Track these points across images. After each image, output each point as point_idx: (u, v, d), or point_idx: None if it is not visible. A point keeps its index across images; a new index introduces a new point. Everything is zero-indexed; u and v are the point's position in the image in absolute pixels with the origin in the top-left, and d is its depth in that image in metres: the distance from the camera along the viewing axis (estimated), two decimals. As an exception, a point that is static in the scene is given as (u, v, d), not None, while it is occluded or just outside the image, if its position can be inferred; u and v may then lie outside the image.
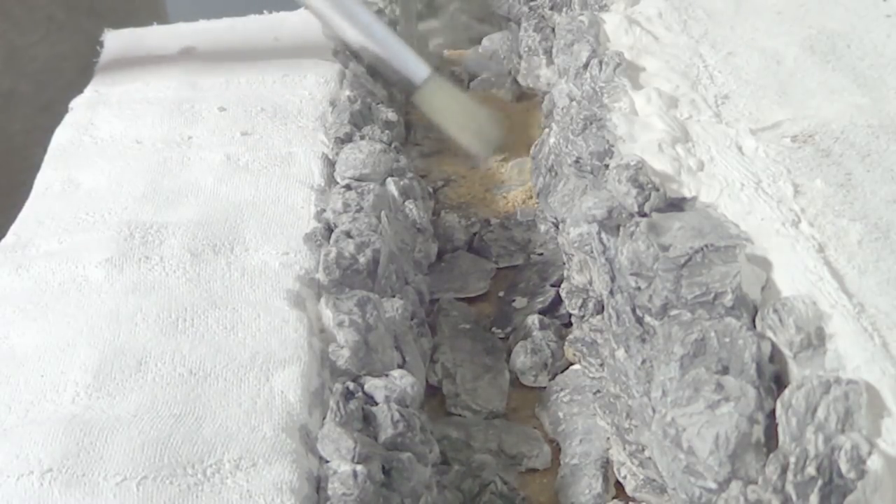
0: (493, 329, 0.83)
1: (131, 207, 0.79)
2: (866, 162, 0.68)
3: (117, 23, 1.14)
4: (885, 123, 0.72)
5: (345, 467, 0.57)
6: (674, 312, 0.61)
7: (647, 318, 0.63)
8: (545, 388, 0.77)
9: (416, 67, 1.00)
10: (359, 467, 0.57)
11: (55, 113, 0.94)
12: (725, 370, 0.56)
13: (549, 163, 0.89)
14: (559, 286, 0.82)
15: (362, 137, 0.88)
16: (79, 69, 1.09)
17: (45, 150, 0.89)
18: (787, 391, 0.53)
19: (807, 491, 0.50)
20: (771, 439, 0.53)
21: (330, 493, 0.57)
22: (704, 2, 0.91)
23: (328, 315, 0.68)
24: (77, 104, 0.96)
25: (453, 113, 1.01)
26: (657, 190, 0.67)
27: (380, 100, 0.98)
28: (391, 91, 1.05)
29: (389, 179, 0.84)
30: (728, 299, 0.59)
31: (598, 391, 0.73)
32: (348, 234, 0.74)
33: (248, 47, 1.04)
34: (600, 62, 0.82)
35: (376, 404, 0.62)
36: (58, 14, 1.16)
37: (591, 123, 0.77)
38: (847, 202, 0.65)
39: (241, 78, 0.98)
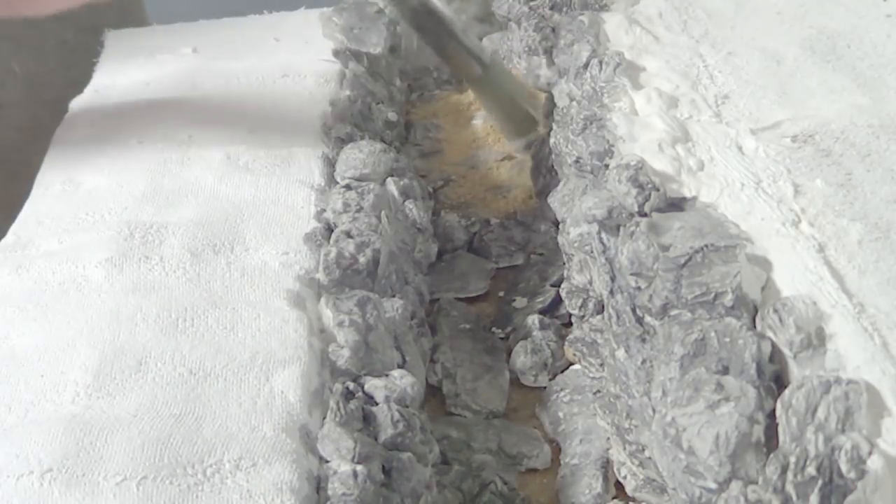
0: (493, 329, 0.83)
1: (131, 207, 0.79)
2: (866, 162, 0.68)
3: None
4: (885, 123, 0.72)
5: (345, 467, 0.57)
6: (674, 312, 0.61)
7: (647, 318, 0.63)
8: (545, 388, 0.77)
9: (481, 52, 1.01)
10: (359, 467, 0.57)
11: None
12: (725, 370, 0.56)
13: (549, 163, 0.89)
14: (559, 286, 0.82)
15: (362, 137, 0.88)
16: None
17: None
18: (787, 391, 0.53)
19: (807, 491, 0.50)
20: (771, 439, 0.53)
21: (330, 493, 0.57)
22: (704, 2, 0.91)
23: (328, 315, 0.68)
24: (77, 104, 0.96)
25: (507, 104, 1.02)
26: (657, 190, 0.67)
27: (380, 100, 0.98)
28: (391, 91, 1.05)
29: (389, 179, 0.84)
30: (728, 299, 0.59)
31: (598, 391, 0.73)
32: (348, 234, 0.74)
33: (248, 47, 1.04)
34: (600, 62, 0.81)
35: (376, 404, 0.62)
36: (69, 37, 1.15)
37: (591, 123, 0.77)
38: (847, 202, 0.65)
39: (241, 78, 0.98)
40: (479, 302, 0.86)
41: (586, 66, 0.83)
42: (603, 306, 0.72)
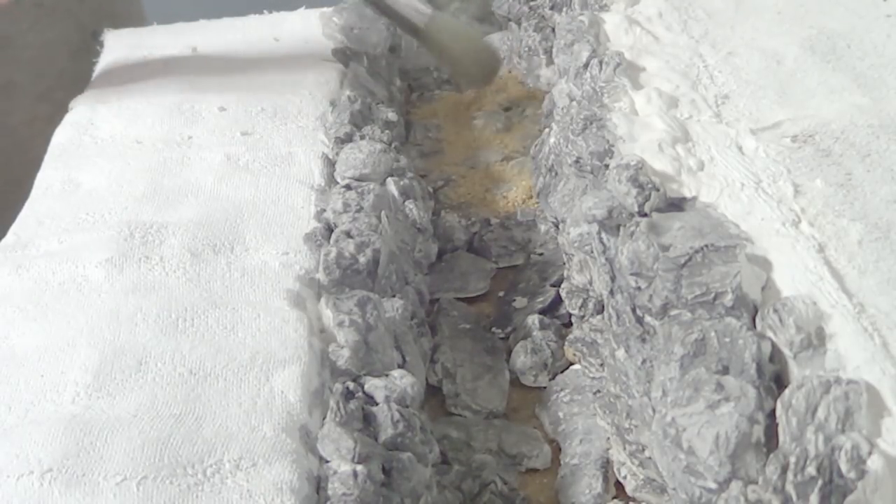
0: (493, 329, 0.83)
1: (131, 207, 0.79)
2: (866, 162, 0.68)
3: (99, 5, 1.13)
4: (885, 123, 0.72)
5: (345, 467, 0.57)
6: (674, 312, 0.61)
7: (647, 318, 0.63)
8: (545, 388, 0.77)
9: (417, 8, 1.03)
10: (359, 467, 0.57)
11: (53, 102, 0.92)
12: (725, 370, 0.56)
13: (549, 163, 0.89)
14: (559, 286, 0.82)
15: (362, 137, 0.88)
16: (70, 55, 1.08)
17: (47, 142, 0.88)
18: (787, 391, 0.53)
19: (807, 491, 0.50)
20: (771, 439, 0.53)
21: (330, 493, 0.57)
22: (704, 2, 0.91)
23: (328, 315, 0.68)
24: (77, 104, 0.96)
25: (456, 51, 1.05)
26: (657, 190, 0.67)
27: (380, 100, 0.98)
28: (391, 91, 1.05)
29: (389, 179, 0.84)
30: (728, 299, 0.59)
31: (598, 391, 0.73)
32: (348, 234, 0.74)
33: (248, 47, 1.04)
34: (600, 62, 0.82)
35: (376, 404, 0.62)
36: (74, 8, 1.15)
37: (591, 123, 0.77)
38: (847, 202, 0.65)
39: (241, 78, 0.98)
40: (479, 302, 0.86)
41: (586, 66, 0.83)
42: (603, 306, 0.72)
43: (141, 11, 1.30)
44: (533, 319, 0.81)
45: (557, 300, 0.82)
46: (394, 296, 0.73)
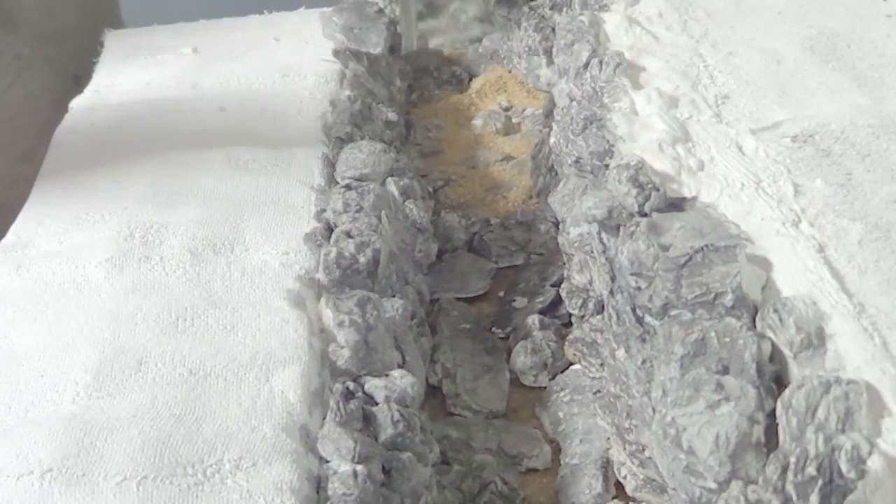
0: (493, 329, 0.83)
1: (131, 207, 0.79)
2: (866, 162, 0.69)
3: (81, 48, 1.11)
4: (885, 123, 0.72)
5: (345, 467, 0.57)
6: (674, 312, 0.61)
7: (648, 318, 0.63)
8: (545, 388, 0.77)
9: None
10: (359, 467, 0.57)
11: (36, 162, 0.90)
12: (725, 370, 0.56)
13: (549, 163, 0.89)
14: (559, 286, 0.82)
15: (362, 137, 0.88)
16: (53, 105, 1.05)
17: None
18: (787, 391, 0.53)
19: (807, 491, 0.50)
20: (771, 439, 0.53)
21: (330, 493, 0.57)
22: (704, 2, 0.91)
23: (328, 315, 0.68)
24: (77, 104, 0.96)
25: None
26: (657, 190, 0.67)
27: (380, 100, 0.98)
28: (391, 91, 1.05)
29: (389, 179, 0.84)
30: (728, 299, 0.59)
31: (598, 391, 0.73)
32: (348, 234, 0.74)
33: (248, 47, 1.05)
34: (600, 62, 0.82)
35: (376, 404, 0.62)
36: (24, 50, 1.12)
37: (591, 123, 0.77)
38: (847, 202, 0.65)
39: (241, 78, 0.98)
40: (479, 302, 0.86)
41: (586, 66, 0.83)
42: (603, 306, 0.72)
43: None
44: (533, 319, 0.81)
45: (557, 300, 0.82)
46: (394, 296, 0.73)
